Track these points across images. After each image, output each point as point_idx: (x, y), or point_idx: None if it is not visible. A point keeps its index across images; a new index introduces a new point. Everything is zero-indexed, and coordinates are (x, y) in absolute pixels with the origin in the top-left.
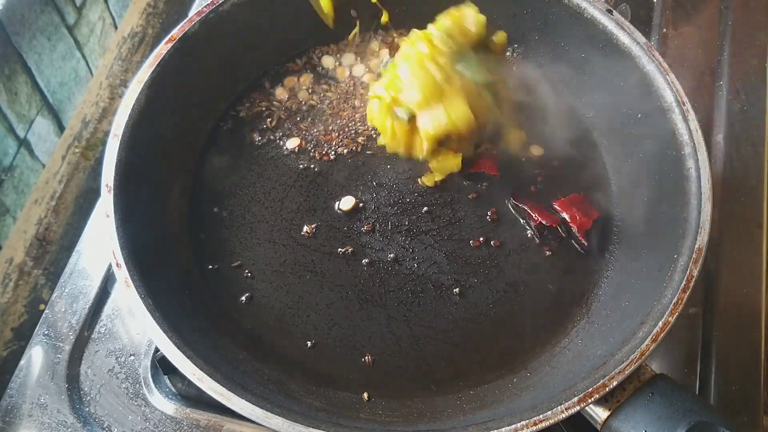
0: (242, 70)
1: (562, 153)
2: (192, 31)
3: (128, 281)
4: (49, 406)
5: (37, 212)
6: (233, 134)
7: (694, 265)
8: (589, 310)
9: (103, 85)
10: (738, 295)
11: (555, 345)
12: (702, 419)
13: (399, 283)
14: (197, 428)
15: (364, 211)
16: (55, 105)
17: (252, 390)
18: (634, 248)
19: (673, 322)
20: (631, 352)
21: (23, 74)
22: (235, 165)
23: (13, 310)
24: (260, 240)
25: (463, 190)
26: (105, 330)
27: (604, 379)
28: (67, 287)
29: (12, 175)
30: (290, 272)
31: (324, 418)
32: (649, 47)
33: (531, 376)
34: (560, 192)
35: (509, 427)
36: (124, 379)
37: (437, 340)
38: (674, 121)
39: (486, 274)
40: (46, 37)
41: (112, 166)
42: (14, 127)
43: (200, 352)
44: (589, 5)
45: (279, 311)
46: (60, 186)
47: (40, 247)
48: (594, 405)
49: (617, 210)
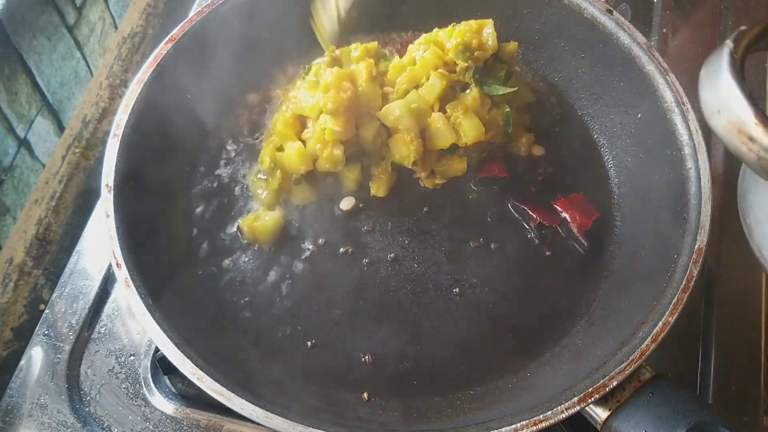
0: (242, 69)
1: (562, 153)
2: (192, 31)
3: (128, 281)
4: (49, 406)
5: (37, 212)
6: (233, 134)
7: (694, 265)
8: (589, 310)
9: (103, 85)
10: (738, 295)
11: (555, 345)
12: (702, 419)
13: (399, 283)
14: (197, 428)
15: (364, 211)
16: (55, 105)
17: (252, 390)
18: (634, 248)
19: (673, 322)
20: (631, 352)
21: (23, 74)
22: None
23: (13, 310)
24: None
25: (463, 190)
26: (105, 330)
27: (604, 379)
28: (67, 287)
29: (12, 175)
30: (290, 270)
31: (324, 418)
32: (649, 47)
33: (531, 376)
34: (560, 192)
35: (509, 427)
36: (124, 379)
37: (437, 340)
38: (674, 121)
39: (486, 274)
40: (46, 37)
41: (112, 166)
42: (14, 127)
43: (200, 352)
44: (589, 5)
45: (279, 311)
46: (60, 186)
47: (40, 247)
48: (594, 405)
49: (617, 210)
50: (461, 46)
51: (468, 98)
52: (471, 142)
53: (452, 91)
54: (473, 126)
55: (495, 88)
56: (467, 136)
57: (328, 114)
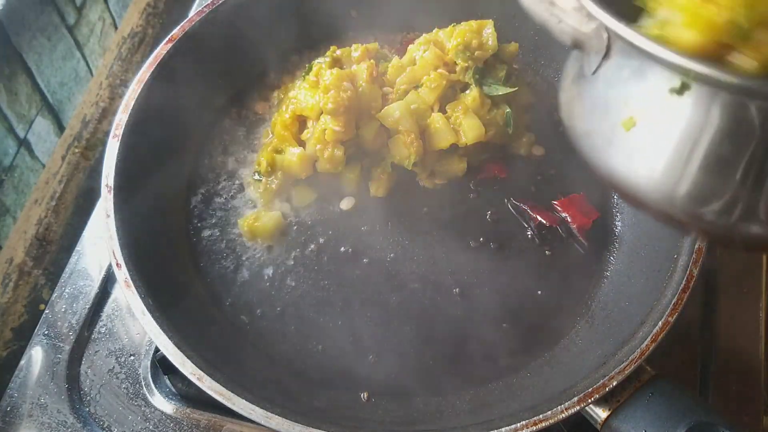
0: (242, 69)
1: (562, 153)
2: (192, 31)
3: (128, 281)
4: (49, 406)
5: (37, 212)
6: (234, 134)
7: (694, 265)
8: (589, 310)
9: (103, 85)
10: (738, 294)
11: (555, 345)
12: (702, 419)
13: (399, 283)
14: (197, 428)
15: (364, 212)
16: (55, 105)
17: (252, 390)
18: (634, 248)
19: (673, 322)
20: (631, 352)
21: (23, 74)
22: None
23: (13, 310)
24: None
25: (463, 190)
26: (105, 330)
27: (604, 379)
28: (67, 287)
29: (12, 175)
30: (290, 270)
31: (324, 418)
32: None
33: (531, 376)
34: (560, 192)
35: (509, 427)
36: (124, 379)
37: (437, 340)
38: None
39: (486, 274)
40: (46, 37)
41: (112, 166)
42: (14, 127)
43: (200, 352)
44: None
45: (279, 311)
46: (60, 186)
47: (40, 247)
48: (594, 405)
49: (617, 210)
50: (461, 45)
51: (468, 98)
52: (471, 142)
53: (452, 91)
54: (473, 126)
55: (495, 88)
56: (467, 136)
57: (329, 114)
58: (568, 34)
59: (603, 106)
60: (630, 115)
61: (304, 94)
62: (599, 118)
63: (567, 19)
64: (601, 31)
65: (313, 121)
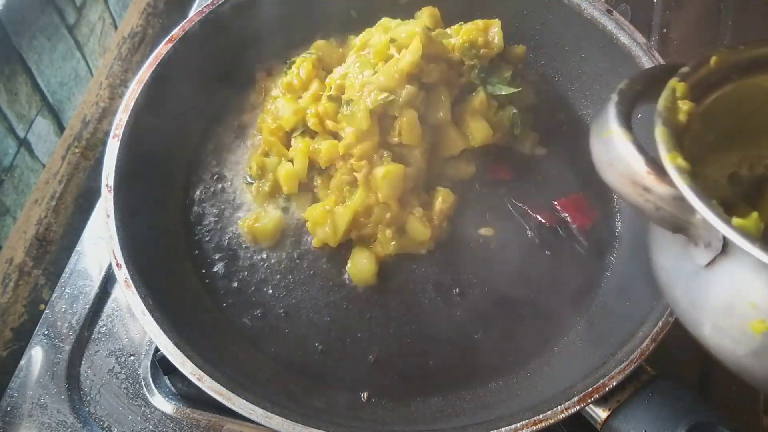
0: (241, 69)
1: (562, 153)
2: (192, 31)
3: (128, 281)
4: (49, 406)
5: (37, 212)
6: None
7: None
8: (589, 310)
9: (103, 85)
10: None
11: (555, 345)
12: (702, 419)
13: (399, 283)
14: (197, 428)
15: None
16: (55, 105)
17: (252, 390)
18: (634, 248)
19: (673, 322)
20: (631, 352)
21: (23, 74)
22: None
23: (13, 310)
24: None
25: (463, 190)
26: (105, 330)
27: (604, 379)
28: (67, 287)
29: (12, 175)
30: (290, 271)
31: (324, 418)
32: (649, 47)
33: (531, 376)
34: (560, 192)
35: (509, 427)
36: (124, 379)
37: (437, 340)
38: None
39: (486, 274)
40: (46, 37)
41: (112, 166)
42: (14, 127)
43: (200, 352)
44: (589, 5)
45: (279, 311)
46: (60, 186)
47: (40, 247)
48: (594, 405)
49: (617, 210)
50: (467, 43)
51: (475, 101)
52: (479, 144)
53: (460, 93)
54: (481, 128)
55: (499, 88)
56: (475, 138)
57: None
58: (670, 222)
59: (726, 306)
60: (761, 318)
61: (282, 102)
62: (723, 315)
63: (667, 207)
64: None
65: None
